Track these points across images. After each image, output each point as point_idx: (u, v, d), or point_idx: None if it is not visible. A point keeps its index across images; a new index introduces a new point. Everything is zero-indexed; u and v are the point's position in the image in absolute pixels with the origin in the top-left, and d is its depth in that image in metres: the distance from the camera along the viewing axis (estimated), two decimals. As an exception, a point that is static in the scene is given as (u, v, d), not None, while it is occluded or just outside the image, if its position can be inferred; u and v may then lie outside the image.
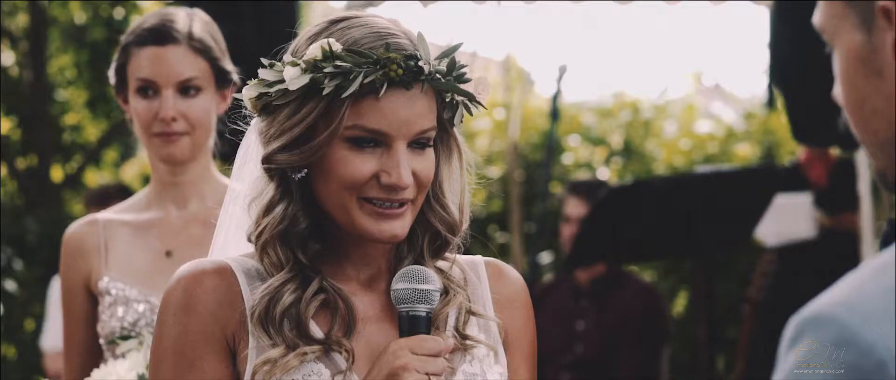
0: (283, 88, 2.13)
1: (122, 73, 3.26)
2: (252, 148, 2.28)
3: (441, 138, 2.22)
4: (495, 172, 8.80)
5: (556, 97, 7.24)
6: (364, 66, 2.10)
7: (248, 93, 2.19)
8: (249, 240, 2.23)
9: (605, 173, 9.01)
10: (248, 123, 2.29)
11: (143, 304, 3.20)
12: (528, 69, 10.82)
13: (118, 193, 6.82)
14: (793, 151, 8.75)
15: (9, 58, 9.97)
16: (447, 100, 2.19)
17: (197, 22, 3.26)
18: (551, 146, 7.28)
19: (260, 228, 2.20)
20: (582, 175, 8.75)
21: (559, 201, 7.51)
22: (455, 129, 2.24)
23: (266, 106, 2.18)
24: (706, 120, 9.97)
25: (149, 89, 3.21)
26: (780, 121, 8.78)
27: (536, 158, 8.99)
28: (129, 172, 10.75)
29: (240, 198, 2.31)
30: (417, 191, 2.18)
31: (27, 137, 9.72)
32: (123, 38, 3.28)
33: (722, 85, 12.73)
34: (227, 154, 3.28)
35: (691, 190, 6.67)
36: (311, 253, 2.20)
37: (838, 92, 1.57)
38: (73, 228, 3.34)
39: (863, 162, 6.04)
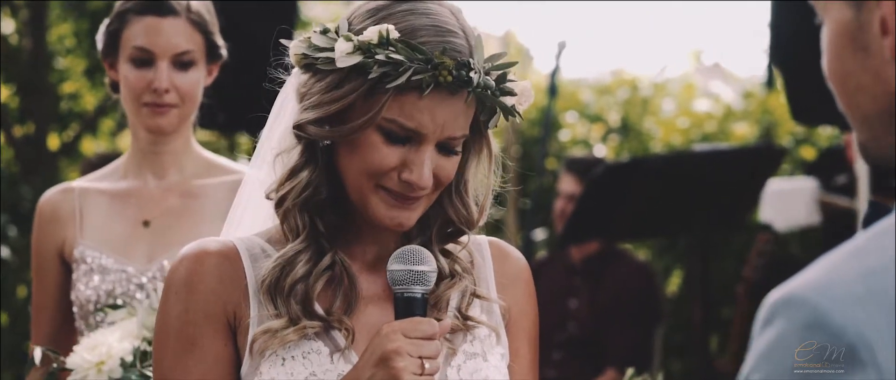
0: (330, 58, 2.12)
1: (114, 38, 3.24)
2: (288, 100, 2.26)
3: (473, 137, 2.21)
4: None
5: (554, 73, 7.22)
6: (416, 62, 2.08)
7: (296, 48, 2.18)
8: (268, 197, 2.23)
9: (602, 150, 9.00)
10: (288, 73, 2.27)
11: (119, 273, 3.19)
12: (528, 45, 10.83)
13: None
14: (791, 131, 8.73)
15: (8, 26, 9.94)
16: (487, 105, 2.17)
17: None
18: (548, 123, 7.27)
19: (283, 193, 2.19)
20: (578, 152, 8.73)
21: (555, 178, 7.50)
22: (488, 131, 2.22)
23: (309, 65, 2.17)
24: (705, 99, 9.94)
25: (144, 59, 3.20)
26: (779, 101, 8.76)
27: (533, 134, 8.97)
28: (126, 142, 10.73)
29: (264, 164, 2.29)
30: (434, 189, 2.17)
31: (25, 105, 9.70)
32: (120, 5, 3.26)
33: (721, 64, 12.74)
34: (221, 124, 3.27)
35: (688, 169, 6.65)
36: (328, 223, 2.20)
37: (825, 65, 1.56)
38: (47, 195, 3.32)
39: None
